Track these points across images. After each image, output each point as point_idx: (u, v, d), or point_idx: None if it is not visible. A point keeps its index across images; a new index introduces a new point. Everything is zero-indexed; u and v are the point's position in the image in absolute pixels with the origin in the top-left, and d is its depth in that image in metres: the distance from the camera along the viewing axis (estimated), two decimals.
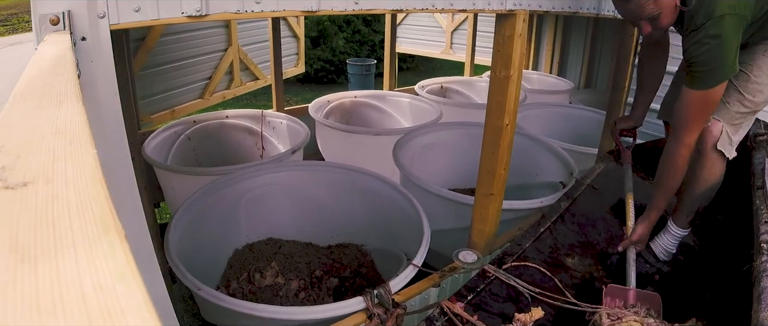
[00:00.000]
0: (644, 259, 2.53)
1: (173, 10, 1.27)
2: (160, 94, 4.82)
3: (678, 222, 2.54)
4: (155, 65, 4.63)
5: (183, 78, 5.08)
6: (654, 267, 2.56)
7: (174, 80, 4.95)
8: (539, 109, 5.53)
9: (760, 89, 2.29)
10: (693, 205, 2.51)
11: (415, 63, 14.37)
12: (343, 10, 1.62)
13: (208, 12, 1.31)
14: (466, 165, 4.25)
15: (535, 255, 2.50)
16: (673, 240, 2.56)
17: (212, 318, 2.62)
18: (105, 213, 0.48)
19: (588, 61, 7.25)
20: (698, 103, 2.14)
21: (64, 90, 0.81)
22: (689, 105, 2.17)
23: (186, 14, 1.29)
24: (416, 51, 9.08)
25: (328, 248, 3.50)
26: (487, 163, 2.62)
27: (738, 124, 2.36)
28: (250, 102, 9.33)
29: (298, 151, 4.05)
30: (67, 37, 1.11)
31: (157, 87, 4.75)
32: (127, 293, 0.37)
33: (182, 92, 5.12)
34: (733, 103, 2.32)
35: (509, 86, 2.38)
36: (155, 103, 4.75)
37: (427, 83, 6.51)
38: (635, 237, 2.48)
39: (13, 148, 0.59)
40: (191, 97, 5.26)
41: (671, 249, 2.57)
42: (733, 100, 2.32)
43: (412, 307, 2.32)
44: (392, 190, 3.25)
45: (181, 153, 4.36)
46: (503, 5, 2.22)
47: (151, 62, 4.55)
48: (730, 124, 2.34)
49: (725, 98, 2.31)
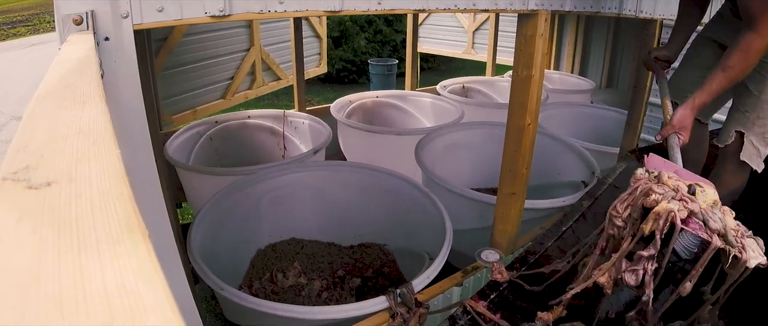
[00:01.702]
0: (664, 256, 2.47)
1: (196, 10, 1.28)
2: (182, 95, 4.85)
3: None
4: (177, 65, 4.66)
5: (205, 78, 5.11)
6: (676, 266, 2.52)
7: (196, 80, 4.98)
8: (561, 108, 5.50)
9: None
10: None
11: (437, 63, 14.35)
12: (365, 10, 1.62)
13: (232, 12, 1.32)
14: (488, 165, 4.23)
15: (558, 254, 2.48)
16: (694, 241, 2.52)
17: (235, 318, 2.63)
18: (128, 212, 0.48)
19: (609, 61, 7.19)
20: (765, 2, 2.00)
21: (87, 90, 0.82)
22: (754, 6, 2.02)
23: (209, 14, 1.29)
24: (438, 51, 9.06)
25: (351, 248, 3.51)
26: (509, 162, 2.60)
27: (764, 131, 2.33)
28: (272, 102, 9.37)
29: (320, 151, 4.05)
30: (90, 37, 1.11)
31: (179, 87, 4.78)
32: (150, 292, 0.37)
33: (204, 92, 5.14)
34: (752, 109, 2.31)
35: (531, 86, 2.37)
36: (177, 103, 4.78)
37: (448, 83, 6.50)
38: (675, 122, 2.21)
39: (37, 148, 0.59)
40: (213, 97, 5.29)
41: (693, 249, 2.53)
42: (749, 105, 2.31)
43: (435, 307, 2.32)
44: (415, 190, 3.24)
45: (203, 153, 4.39)
46: (525, 5, 2.21)
47: (173, 62, 4.58)
48: (753, 133, 2.33)
49: (740, 106, 2.33)
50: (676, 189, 1.63)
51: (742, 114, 2.34)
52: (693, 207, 1.60)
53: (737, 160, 2.36)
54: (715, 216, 1.57)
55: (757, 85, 2.30)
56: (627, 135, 3.70)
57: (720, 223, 1.57)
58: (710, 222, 1.56)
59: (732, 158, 2.39)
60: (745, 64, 2.11)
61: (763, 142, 2.33)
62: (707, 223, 1.56)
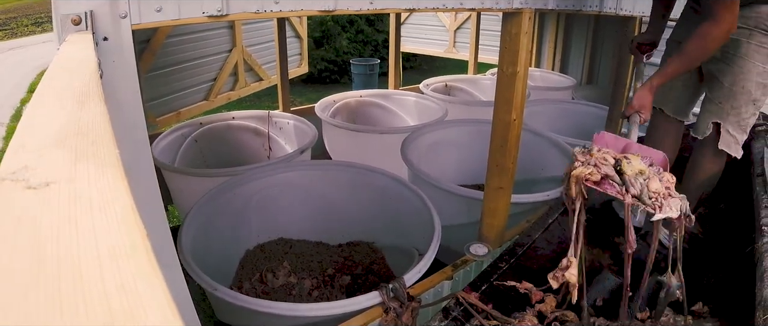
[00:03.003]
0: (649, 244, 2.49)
1: (194, 10, 1.29)
2: (166, 97, 4.82)
3: None
4: (161, 67, 4.64)
5: (188, 80, 5.08)
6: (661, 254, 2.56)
7: (178, 82, 4.96)
8: (543, 105, 5.56)
9: (748, 78, 2.32)
10: (696, 193, 2.55)
11: (419, 62, 14.37)
12: (358, 9, 1.64)
13: (229, 12, 1.33)
14: (473, 162, 4.27)
15: (545, 245, 2.52)
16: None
17: (227, 318, 2.64)
18: (127, 212, 0.48)
19: (590, 58, 7.28)
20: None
21: (86, 90, 0.82)
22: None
23: (207, 14, 1.31)
24: (420, 50, 9.09)
25: (340, 247, 3.52)
26: (496, 157, 2.64)
27: (738, 119, 2.39)
28: (254, 103, 9.33)
29: (306, 150, 4.06)
30: (89, 37, 1.12)
31: (163, 89, 4.75)
32: (149, 292, 0.37)
33: (187, 94, 5.12)
34: (725, 99, 2.38)
35: (516, 82, 2.41)
36: (161, 105, 4.76)
37: (431, 81, 6.53)
38: (635, 102, 2.36)
39: (36, 148, 0.59)
40: (196, 99, 5.27)
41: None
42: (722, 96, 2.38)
43: (427, 300, 2.35)
44: (402, 187, 3.27)
45: (188, 155, 4.38)
46: (510, 4, 2.25)
47: (157, 64, 4.56)
48: (729, 122, 2.39)
49: (713, 99, 2.41)
50: (602, 159, 1.92)
51: (717, 105, 2.41)
52: (607, 171, 1.88)
53: (715, 148, 2.43)
54: (637, 182, 1.82)
55: (726, 76, 2.38)
56: (608, 130, 3.76)
57: (638, 187, 1.82)
58: (630, 187, 1.81)
59: (710, 146, 2.46)
60: (700, 50, 2.19)
61: (739, 129, 2.39)
62: (627, 187, 1.82)
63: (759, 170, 2.66)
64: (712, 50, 2.20)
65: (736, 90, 2.34)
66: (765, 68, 2.29)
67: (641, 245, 2.48)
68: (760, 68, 2.29)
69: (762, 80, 2.31)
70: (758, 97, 2.34)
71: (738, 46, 2.32)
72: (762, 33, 2.27)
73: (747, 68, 2.31)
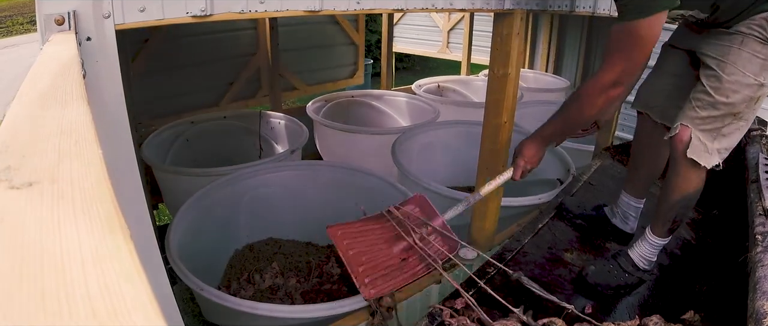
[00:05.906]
0: (623, 269, 2.35)
1: (178, 11, 1.28)
2: (169, 97, 4.88)
3: (656, 232, 2.29)
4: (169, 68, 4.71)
5: (198, 82, 5.14)
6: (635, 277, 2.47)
7: (187, 83, 5.02)
8: (536, 107, 5.55)
9: (735, 88, 1.97)
10: (669, 214, 2.24)
11: (412, 62, 14.38)
12: (344, 9, 1.63)
13: (213, 12, 1.32)
14: (464, 164, 4.26)
15: (535, 250, 2.52)
16: (652, 249, 2.34)
17: (214, 318, 2.63)
18: (110, 213, 0.48)
19: (583, 60, 7.27)
20: (620, 35, 1.80)
21: (69, 90, 0.82)
22: (611, 38, 1.84)
23: (191, 14, 1.29)
24: (413, 50, 9.09)
25: (329, 247, 3.51)
26: (486, 160, 2.63)
27: (712, 128, 2.05)
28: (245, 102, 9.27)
29: (297, 150, 4.05)
30: (72, 37, 1.11)
31: (158, 91, 4.79)
32: (132, 293, 0.37)
33: (193, 97, 5.16)
34: (703, 107, 2.04)
35: (507, 84, 2.40)
36: (162, 106, 4.81)
37: (424, 82, 6.53)
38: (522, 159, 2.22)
39: (19, 148, 0.59)
40: (205, 103, 5.28)
41: (651, 258, 2.36)
42: (702, 102, 2.04)
43: (414, 304, 2.34)
44: (392, 189, 3.26)
45: (180, 154, 4.37)
46: (502, 4, 2.23)
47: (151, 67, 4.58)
48: (700, 129, 2.05)
49: (692, 101, 2.08)
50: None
51: (693, 109, 2.08)
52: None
53: (686, 158, 2.09)
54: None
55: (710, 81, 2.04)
56: (602, 133, 3.76)
57: None
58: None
59: (681, 159, 2.12)
60: (579, 112, 2.03)
61: (707, 135, 2.06)
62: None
63: (753, 176, 2.62)
64: (592, 108, 1.97)
65: (718, 99, 2.01)
66: (757, 80, 1.96)
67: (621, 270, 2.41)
68: (751, 79, 1.96)
69: (751, 93, 1.98)
70: (742, 110, 2.02)
71: (728, 53, 1.98)
72: (756, 40, 1.93)
73: (735, 77, 1.97)
